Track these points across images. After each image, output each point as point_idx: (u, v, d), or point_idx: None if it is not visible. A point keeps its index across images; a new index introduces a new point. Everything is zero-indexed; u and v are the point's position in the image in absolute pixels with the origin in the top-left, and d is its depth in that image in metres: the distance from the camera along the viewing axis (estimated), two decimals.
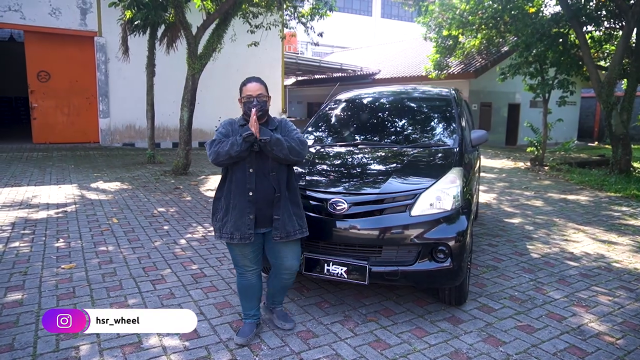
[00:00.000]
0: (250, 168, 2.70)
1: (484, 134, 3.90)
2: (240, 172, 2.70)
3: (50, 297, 3.41)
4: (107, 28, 12.39)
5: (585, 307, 3.41)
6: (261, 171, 2.71)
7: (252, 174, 2.70)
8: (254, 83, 2.74)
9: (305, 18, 11.64)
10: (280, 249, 2.82)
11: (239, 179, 2.70)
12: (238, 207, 2.70)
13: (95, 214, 5.88)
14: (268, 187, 2.72)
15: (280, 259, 2.85)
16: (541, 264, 4.34)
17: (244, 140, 2.57)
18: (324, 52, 32.19)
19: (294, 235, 2.78)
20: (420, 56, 20.63)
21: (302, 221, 2.83)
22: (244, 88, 2.75)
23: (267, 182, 2.72)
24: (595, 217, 6.30)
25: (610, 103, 9.73)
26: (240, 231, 2.70)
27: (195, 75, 8.50)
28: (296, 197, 2.84)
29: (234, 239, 2.71)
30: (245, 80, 2.79)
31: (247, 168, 2.70)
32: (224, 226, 2.73)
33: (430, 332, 3.01)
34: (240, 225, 2.69)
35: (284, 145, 2.63)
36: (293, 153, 2.68)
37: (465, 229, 3.04)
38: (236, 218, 2.70)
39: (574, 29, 10.22)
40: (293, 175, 2.86)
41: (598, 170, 10.75)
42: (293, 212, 2.79)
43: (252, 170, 2.70)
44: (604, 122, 21.72)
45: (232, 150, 2.59)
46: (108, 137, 13.05)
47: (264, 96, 2.74)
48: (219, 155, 2.63)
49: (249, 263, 2.85)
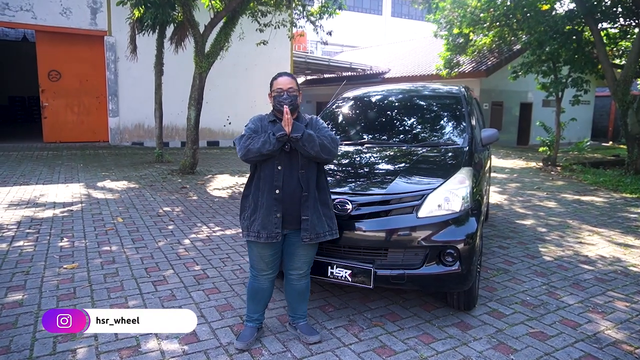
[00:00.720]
0: (279, 165, 2.61)
1: (495, 133, 3.77)
2: (269, 169, 2.62)
3: (50, 297, 3.36)
4: (116, 27, 12.43)
5: (601, 314, 3.27)
6: (290, 169, 2.62)
7: (280, 171, 2.61)
8: (284, 77, 2.68)
9: (315, 17, 11.55)
10: (296, 249, 2.72)
11: (267, 176, 2.62)
12: (265, 205, 2.62)
13: (101, 213, 5.86)
14: (296, 185, 2.62)
15: (292, 259, 2.76)
16: (554, 268, 4.19)
17: (278, 140, 2.50)
18: (334, 51, 32.07)
19: (324, 237, 2.68)
20: (430, 55, 20.41)
21: (332, 222, 2.72)
22: (275, 82, 2.68)
23: (295, 180, 2.62)
24: (610, 219, 6.12)
25: (626, 102, 9.48)
26: (267, 230, 2.61)
27: (202, 73, 8.46)
28: (326, 197, 2.72)
29: (261, 238, 2.62)
30: (277, 74, 2.72)
31: (275, 165, 2.61)
32: (252, 225, 2.65)
33: (438, 338, 2.90)
34: (267, 224, 2.61)
35: (316, 142, 2.53)
36: (324, 150, 2.57)
37: (475, 231, 2.92)
38: (263, 216, 2.61)
39: (589, 26, 9.99)
40: (324, 175, 2.75)
41: (613, 170, 10.50)
42: (323, 212, 2.67)
43: (281, 167, 2.61)
44: (619, 122, 21.37)
45: (264, 149, 2.51)
46: (117, 136, 13.09)
47: (294, 90, 2.66)
48: (249, 152, 2.55)
49: (265, 266, 2.75)
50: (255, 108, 15.52)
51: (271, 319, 3.11)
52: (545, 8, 11.32)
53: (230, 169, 10.00)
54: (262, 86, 15.60)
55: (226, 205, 6.55)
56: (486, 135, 3.75)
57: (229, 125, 15.11)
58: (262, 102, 15.61)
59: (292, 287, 2.82)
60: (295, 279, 2.80)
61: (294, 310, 2.90)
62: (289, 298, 2.88)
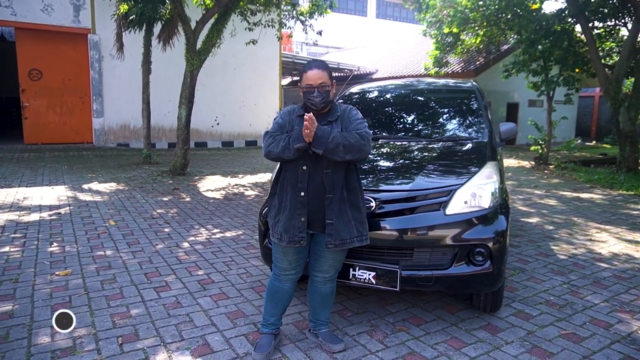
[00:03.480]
0: (304, 165, 2.38)
1: (513, 127, 3.64)
2: (293, 170, 2.40)
3: (44, 307, 3.08)
4: (101, 25, 12.03)
5: (630, 313, 3.14)
6: (315, 169, 2.38)
7: (305, 171, 2.38)
8: (315, 70, 2.37)
9: (304, 16, 11.37)
10: (323, 252, 2.49)
11: (291, 177, 2.41)
12: (289, 207, 2.40)
13: (91, 216, 5.55)
14: (320, 186, 2.38)
15: (317, 261, 2.54)
16: (570, 266, 4.08)
17: (297, 150, 2.30)
18: (319, 52, 31.94)
19: (351, 243, 2.42)
20: (417, 55, 20.44)
21: (362, 227, 2.45)
22: (305, 76, 2.39)
23: (320, 181, 2.38)
24: (614, 215, 6.07)
25: (618, 100, 9.54)
26: (289, 234, 2.40)
27: (194, 71, 8.19)
28: (357, 198, 2.46)
29: (283, 241, 2.42)
30: (307, 65, 2.43)
31: (300, 165, 2.38)
32: (276, 225, 2.46)
33: (467, 342, 2.73)
34: (289, 227, 2.40)
35: (341, 149, 2.26)
36: (353, 152, 2.28)
37: (505, 229, 2.76)
38: (287, 219, 2.41)
39: (580, 25, 10.03)
40: (355, 174, 2.47)
41: (603, 168, 10.55)
42: (352, 216, 2.42)
43: (306, 167, 2.38)
44: (602, 122, 21.72)
45: (284, 154, 2.32)
46: (102, 137, 12.66)
47: (326, 85, 2.37)
48: (270, 154, 2.38)
49: (288, 266, 2.53)
50: (244, 109, 15.28)
51: (287, 325, 2.90)
52: (535, 7, 11.36)
53: (222, 170, 9.72)
54: (251, 86, 15.45)
55: (222, 207, 6.30)
56: (505, 129, 3.61)
57: (217, 126, 14.80)
58: (250, 102, 15.38)
59: (316, 290, 2.61)
60: (320, 281, 2.59)
61: (316, 316, 2.69)
62: (312, 302, 2.67)
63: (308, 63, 2.45)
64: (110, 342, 2.65)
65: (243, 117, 15.29)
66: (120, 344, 2.62)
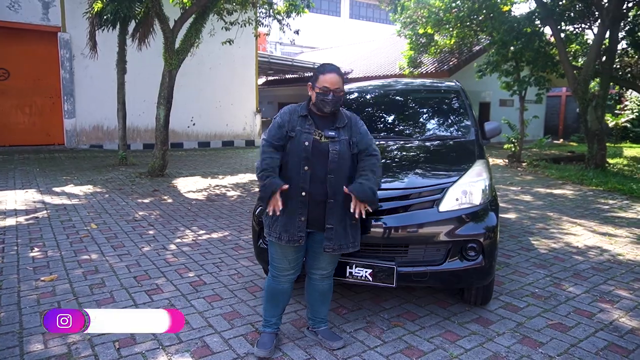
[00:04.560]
0: (306, 166, 2.39)
1: (497, 126, 3.76)
2: (294, 170, 2.40)
3: (32, 314, 3.00)
4: (71, 23, 11.68)
5: (610, 302, 3.31)
6: (318, 171, 2.39)
7: (307, 172, 2.39)
8: (333, 74, 2.42)
9: (281, 15, 11.36)
10: (317, 250, 2.53)
11: (293, 176, 2.40)
12: (289, 206, 2.40)
13: (71, 219, 5.40)
14: (322, 190, 2.40)
15: (315, 259, 2.58)
16: (551, 259, 4.25)
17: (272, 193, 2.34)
18: (293, 52, 31.91)
19: (346, 249, 2.49)
20: (392, 56, 20.68)
21: (356, 234, 2.53)
22: (322, 77, 2.41)
23: (322, 184, 2.40)
24: (586, 210, 6.33)
25: (586, 100, 9.94)
26: (289, 233, 2.42)
27: (172, 71, 8.06)
28: (341, 205, 2.45)
29: (282, 240, 2.43)
30: (323, 67, 2.46)
31: (302, 166, 2.39)
32: (274, 224, 2.45)
33: (461, 335, 2.81)
34: (289, 226, 2.42)
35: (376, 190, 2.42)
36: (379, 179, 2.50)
37: (496, 225, 2.87)
38: (287, 219, 2.41)
39: (550, 27, 10.39)
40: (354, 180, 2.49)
41: (572, 165, 10.97)
42: (349, 223, 2.46)
43: (308, 168, 2.39)
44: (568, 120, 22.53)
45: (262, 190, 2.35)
46: (74, 139, 12.29)
47: (341, 91, 2.43)
48: (257, 168, 2.43)
49: (288, 265, 2.54)
50: (220, 109, 15.12)
51: (285, 324, 2.91)
52: (506, 9, 11.72)
53: (201, 171, 9.61)
54: (227, 86, 15.30)
55: (205, 208, 6.24)
56: (490, 128, 3.73)
57: (193, 127, 14.60)
58: (227, 102, 15.23)
59: (314, 287, 2.65)
60: (318, 279, 2.62)
61: (314, 313, 2.72)
62: (311, 299, 2.70)
63: (323, 66, 2.49)
64: (107, 347, 2.60)
65: (219, 117, 15.13)
66: (118, 349, 2.58)
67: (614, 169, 10.40)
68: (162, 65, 8.29)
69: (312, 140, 2.41)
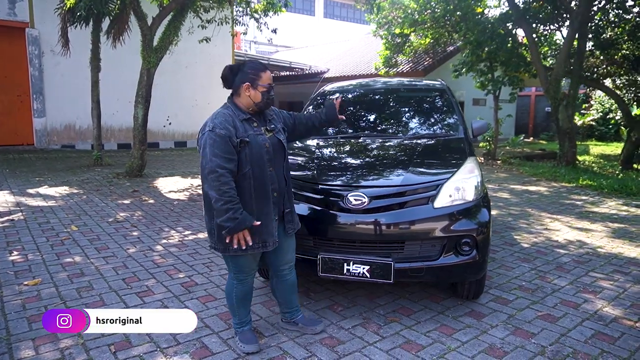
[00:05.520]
0: (271, 167, 2.43)
1: (484, 124, 3.85)
2: (261, 174, 2.40)
3: (19, 319, 2.89)
4: (40, 19, 11.29)
5: (593, 293, 3.44)
6: (277, 166, 2.49)
7: (272, 172, 2.44)
8: (269, 71, 2.49)
9: (259, 14, 11.29)
10: (282, 243, 2.58)
11: (261, 181, 2.40)
12: (264, 211, 2.42)
13: (49, 221, 5.23)
14: (282, 180, 2.52)
15: (281, 254, 2.62)
16: (534, 253, 4.38)
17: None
18: (268, 51, 31.75)
19: (298, 225, 2.68)
20: (367, 55, 20.84)
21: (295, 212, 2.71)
22: (264, 75, 2.43)
23: (281, 175, 2.52)
24: (562, 206, 6.56)
25: (558, 99, 10.27)
26: (272, 236, 2.46)
27: (151, 69, 7.90)
28: (291, 187, 2.67)
29: (268, 246, 2.45)
30: (262, 65, 2.48)
31: (267, 167, 2.41)
32: (253, 236, 2.37)
33: (456, 328, 2.87)
34: (271, 229, 2.45)
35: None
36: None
37: (488, 220, 2.94)
38: (266, 224, 2.42)
39: (523, 29, 10.69)
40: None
41: (544, 163, 11.34)
42: (293, 201, 2.67)
43: (272, 169, 2.45)
44: (538, 119, 23.25)
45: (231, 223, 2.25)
46: (44, 139, 11.89)
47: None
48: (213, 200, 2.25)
49: (255, 265, 2.58)
50: (196, 107, 14.89)
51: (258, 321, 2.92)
52: (479, 11, 11.99)
53: (180, 171, 9.45)
54: (203, 84, 15.08)
55: (188, 209, 6.15)
56: (477, 126, 3.81)
57: (169, 126, 14.34)
58: (203, 101, 15.01)
59: (285, 282, 2.71)
60: (287, 272, 2.69)
61: (289, 305, 2.79)
62: (283, 295, 2.76)
63: (259, 63, 2.51)
64: (102, 350, 2.54)
65: (196, 116, 14.87)
66: (114, 352, 2.52)
67: (584, 166, 10.80)
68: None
69: (268, 140, 2.45)
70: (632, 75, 14.07)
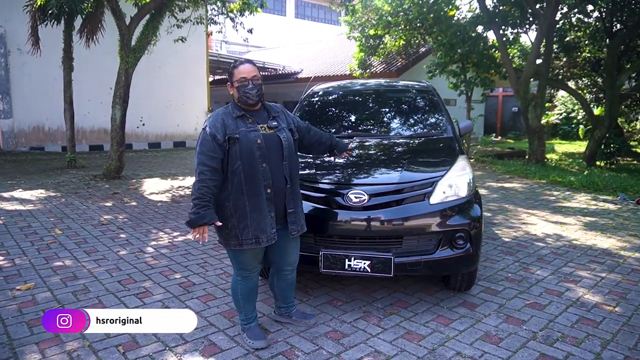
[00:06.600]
0: (264, 162, 2.45)
1: (470, 124, 4.02)
2: (253, 170, 2.42)
3: (18, 324, 2.84)
4: (5, 16, 10.89)
5: (573, 282, 3.66)
6: (274, 163, 2.49)
7: (266, 168, 2.46)
8: (247, 65, 2.51)
9: (234, 13, 11.26)
10: (286, 245, 2.65)
11: (252, 176, 2.43)
12: (257, 207, 2.44)
13: (30, 225, 5.10)
14: (281, 178, 2.52)
15: (285, 255, 2.69)
16: (515, 246, 4.60)
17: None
18: (240, 51, 31.49)
19: (303, 228, 2.67)
20: (340, 56, 21.03)
21: (303, 214, 2.72)
22: (236, 71, 2.49)
23: (279, 173, 2.51)
24: (536, 201, 6.87)
25: (527, 99, 10.71)
26: (266, 233, 2.47)
27: (129, 69, 7.78)
28: (299, 187, 2.70)
29: (261, 243, 2.47)
30: (237, 62, 2.54)
31: (260, 163, 2.44)
32: (243, 232, 2.44)
33: (452, 318, 3.02)
34: (264, 226, 2.47)
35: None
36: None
37: (480, 215, 3.10)
38: (259, 220, 2.45)
39: (494, 32, 11.09)
40: (298, 163, 2.72)
41: (515, 161, 11.78)
42: (299, 203, 2.67)
43: (266, 164, 2.46)
44: (505, 119, 24.05)
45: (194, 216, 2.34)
46: (11, 141, 11.47)
47: (259, 78, 2.50)
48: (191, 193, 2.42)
49: (257, 262, 2.64)
50: (170, 108, 14.69)
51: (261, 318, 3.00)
52: (451, 14, 12.34)
53: (159, 172, 9.32)
54: (177, 85, 14.90)
55: (173, 210, 6.11)
56: (463, 126, 3.98)
57: (143, 127, 14.07)
58: (178, 101, 14.82)
59: (286, 281, 2.80)
60: (289, 272, 2.77)
61: (286, 301, 2.89)
62: (282, 292, 2.85)
63: (236, 61, 2.58)
64: (110, 352, 2.54)
65: (170, 117, 14.71)
66: (123, 353, 2.53)
67: (552, 164, 11.29)
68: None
69: (262, 136, 2.48)
70: (593, 77, 14.83)
